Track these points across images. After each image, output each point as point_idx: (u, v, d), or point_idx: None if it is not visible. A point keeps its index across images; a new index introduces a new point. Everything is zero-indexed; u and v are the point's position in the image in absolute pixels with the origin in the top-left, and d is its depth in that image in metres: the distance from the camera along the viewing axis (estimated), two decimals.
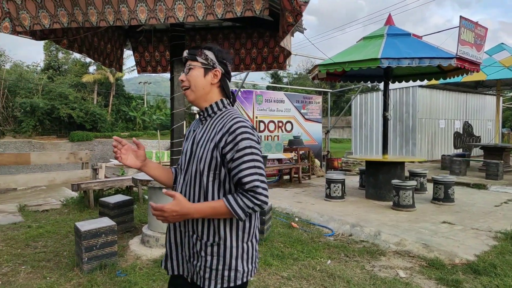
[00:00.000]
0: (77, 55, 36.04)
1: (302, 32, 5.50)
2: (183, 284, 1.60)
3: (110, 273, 3.62)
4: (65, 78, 33.73)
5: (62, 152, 8.24)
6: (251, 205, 1.40)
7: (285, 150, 9.54)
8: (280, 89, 24.23)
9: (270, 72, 42.95)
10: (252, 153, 1.42)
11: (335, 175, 7.04)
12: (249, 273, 1.53)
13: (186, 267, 1.57)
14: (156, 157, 7.90)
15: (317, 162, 10.75)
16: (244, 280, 1.51)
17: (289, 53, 4.80)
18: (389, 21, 7.25)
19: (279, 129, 10.38)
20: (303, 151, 10.02)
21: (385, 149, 7.31)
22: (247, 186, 1.40)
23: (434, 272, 3.73)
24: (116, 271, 3.66)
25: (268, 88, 27.14)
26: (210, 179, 1.47)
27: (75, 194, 7.09)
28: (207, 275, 1.48)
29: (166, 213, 1.38)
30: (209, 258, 1.47)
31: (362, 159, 7.76)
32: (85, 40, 4.35)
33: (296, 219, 5.81)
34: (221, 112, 1.57)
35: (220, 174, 1.47)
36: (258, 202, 1.41)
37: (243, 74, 8.62)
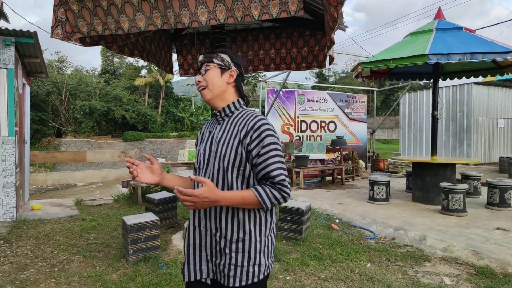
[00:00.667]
0: (130, 59, 38.16)
1: (344, 30, 5.41)
2: None
3: (153, 265, 3.81)
4: (120, 82, 35.81)
5: (114, 151, 8.79)
6: (278, 196, 1.46)
7: (328, 151, 9.40)
8: (326, 88, 23.85)
9: (315, 71, 42.44)
10: (276, 149, 1.49)
11: (379, 176, 6.81)
12: (269, 266, 1.56)
13: (206, 268, 1.57)
14: (189, 155, 8.17)
15: (361, 163, 10.46)
16: (265, 274, 1.54)
17: (329, 49, 4.73)
18: (438, 15, 6.88)
19: (322, 129, 10.24)
20: (346, 152, 9.80)
21: (433, 150, 6.94)
22: (276, 180, 1.46)
23: (483, 280, 3.50)
24: (159, 263, 3.84)
25: (313, 88, 26.82)
26: (234, 175, 1.50)
27: (125, 191, 7.52)
28: (231, 273, 1.49)
29: (198, 198, 1.35)
30: (234, 254, 1.49)
31: (409, 160, 7.43)
32: (136, 44, 4.60)
33: (337, 221, 5.71)
34: (238, 111, 1.61)
35: (245, 171, 1.50)
36: (285, 195, 1.47)
37: (284, 74, 8.61)
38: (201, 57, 1.64)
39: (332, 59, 4.36)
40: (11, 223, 5.45)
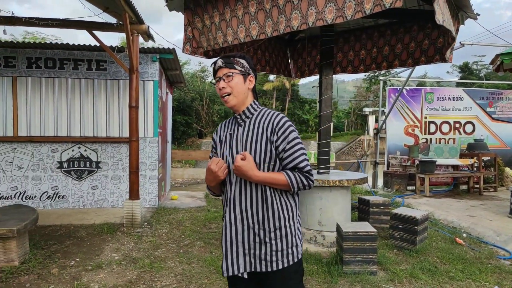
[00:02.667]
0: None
1: (475, 18, 4.81)
2: (242, 284, 1.72)
3: None
4: None
5: None
6: (305, 182, 1.64)
7: (462, 156, 8.28)
8: (471, 85, 20.84)
9: (457, 65, 37.48)
10: (299, 143, 1.66)
11: None
12: (299, 253, 1.72)
13: (243, 262, 1.67)
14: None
15: (508, 171, 8.87)
16: (301, 254, 1.72)
17: (452, 42, 4.26)
18: None
19: (456, 131, 9.07)
20: (487, 157, 8.47)
21: None
22: (304, 169, 1.64)
23: None
24: None
25: (457, 85, 23.70)
26: (266, 170, 1.64)
27: None
28: (274, 258, 1.63)
29: (248, 160, 1.57)
30: (273, 242, 1.64)
31: None
32: (252, 54, 5.03)
33: (464, 235, 5.05)
34: (257, 112, 1.73)
35: (275, 165, 1.65)
36: (311, 182, 1.65)
37: (407, 72, 7.97)
38: (220, 62, 1.69)
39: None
40: (154, 209, 6.55)
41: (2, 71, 6.28)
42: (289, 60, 5.99)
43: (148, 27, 5.39)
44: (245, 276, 1.68)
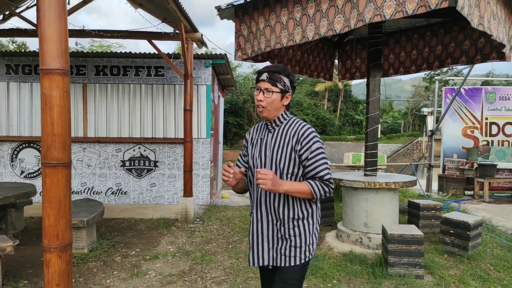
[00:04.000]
0: None
1: None
2: (267, 273, 1.93)
3: None
4: (302, 88, 38.39)
5: None
6: (326, 189, 1.77)
7: None
8: None
9: None
10: (322, 153, 1.78)
11: None
12: (309, 255, 1.84)
13: (268, 256, 1.83)
14: (353, 159, 8.12)
15: None
16: (314, 251, 1.87)
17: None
18: None
19: None
20: None
21: None
22: (324, 178, 1.76)
23: None
24: None
25: None
26: (289, 176, 1.79)
27: None
28: (292, 253, 1.79)
29: (270, 175, 1.60)
30: (293, 238, 1.80)
31: None
32: (292, 58, 5.15)
33: None
34: (286, 121, 1.86)
35: (298, 172, 1.79)
36: (331, 190, 1.78)
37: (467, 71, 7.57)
38: (264, 76, 1.79)
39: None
40: (206, 206, 6.91)
41: (74, 79, 7.02)
42: (337, 62, 6.01)
43: (202, 35, 5.74)
44: (270, 267, 1.85)
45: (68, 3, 7.72)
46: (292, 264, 1.79)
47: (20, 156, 7.12)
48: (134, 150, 7.11)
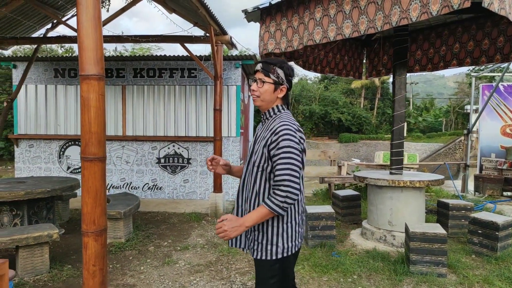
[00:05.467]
0: None
1: None
2: None
3: (327, 251, 4.30)
4: (337, 86, 37.88)
5: (315, 150, 9.76)
6: (283, 195, 1.65)
7: None
8: None
9: None
10: (289, 152, 1.67)
11: None
12: (289, 249, 1.77)
13: (244, 240, 1.86)
14: (384, 158, 8.00)
15: None
16: (284, 255, 1.76)
17: None
18: None
19: None
20: None
21: None
22: (277, 178, 1.67)
23: None
24: (332, 251, 4.31)
25: None
26: (260, 170, 1.77)
27: (324, 186, 8.31)
28: (255, 247, 1.80)
29: (225, 225, 1.65)
30: (256, 232, 1.80)
31: None
32: (316, 58, 5.24)
33: None
34: (276, 115, 1.83)
35: (267, 167, 1.74)
36: (285, 194, 1.64)
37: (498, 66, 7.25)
38: (259, 66, 1.83)
39: None
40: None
41: (114, 81, 7.51)
42: (365, 60, 6.02)
43: (231, 37, 5.96)
44: (246, 251, 1.90)
45: (107, 11, 8.26)
46: (255, 256, 1.80)
47: (66, 153, 7.72)
48: (168, 148, 7.49)
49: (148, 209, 6.55)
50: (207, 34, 5.80)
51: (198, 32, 6.01)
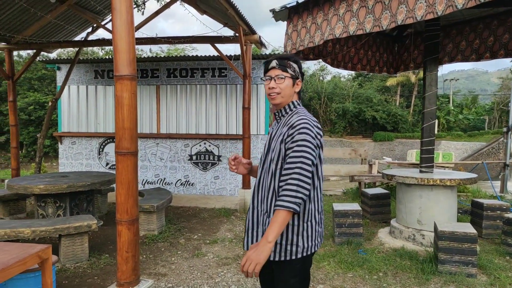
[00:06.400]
0: None
1: None
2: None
3: (353, 249, 4.31)
4: (372, 83, 36.98)
5: (346, 149, 9.65)
6: (293, 189, 1.57)
7: None
8: None
9: None
10: (303, 145, 1.62)
11: None
12: (309, 249, 1.73)
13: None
14: (417, 156, 7.77)
15: None
16: (304, 254, 1.72)
17: None
18: None
19: None
20: None
21: None
22: (286, 172, 1.61)
23: None
24: (359, 249, 4.30)
25: None
26: (278, 166, 1.72)
27: (355, 185, 8.22)
28: (273, 249, 1.67)
29: (249, 258, 1.55)
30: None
31: None
32: (345, 55, 5.22)
33: None
34: (292, 111, 1.81)
35: (283, 165, 1.69)
36: (295, 188, 1.57)
37: None
38: (274, 63, 1.79)
39: None
40: None
41: (149, 81, 7.84)
42: (395, 56, 5.91)
43: (260, 36, 6.06)
44: None
45: (142, 14, 8.62)
46: (272, 258, 1.72)
47: (105, 150, 8.15)
48: (200, 145, 7.72)
49: (180, 204, 6.80)
50: (237, 34, 5.94)
51: (229, 32, 6.16)
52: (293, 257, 1.71)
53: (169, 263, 3.99)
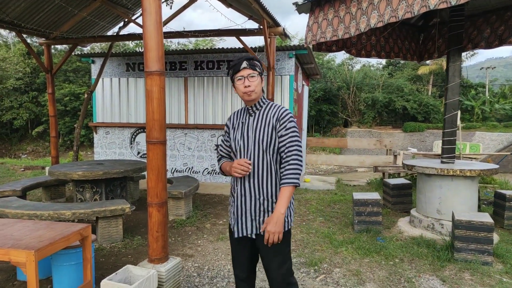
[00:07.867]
0: None
1: None
2: (246, 242, 2.12)
3: (372, 236, 4.43)
4: (403, 73, 35.94)
5: (371, 139, 9.61)
6: (296, 167, 1.96)
7: None
8: None
9: None
10: (294, 131, 2.02)
11: None
12: (290, 223, 2.09)
13: (250, 226, 2.07)
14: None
15: None
16: (289, 227, 2.08)
17: None
18: None
19: None
20: None
21: None
22: (288, 154, 1.98)
23: None
24: (377, 237, 4.42)
25: None
26: (271, 153, 2.03)
27: (379, 176, 8.25)
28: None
29: (270, 231, 1.92)
30: (270, 213, 2.04)
31: None
32: (366, 44, 5.25)
33: None
34: (265, 105, 2.11)
35: (276, 147, 2.03)
36: (296, 166, 1.95)
37: None
38: (245, 63, 2.02)
39: None
40: None
41: (177, 73, 8.15)
42: (418, 45, 5.86)
43: (284, 28, 6.18)
44: (254, 236, 2.08)
45: (171, 8, 8.90)
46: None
47: (137, 139, 8.59)
48: None
49: (207, 191, 7.11)
50: (261, 27, 6.08)
51: (254, 25, 6.32)
52: (289, 227, 2.07)
53: (196, 246, 4.28)
